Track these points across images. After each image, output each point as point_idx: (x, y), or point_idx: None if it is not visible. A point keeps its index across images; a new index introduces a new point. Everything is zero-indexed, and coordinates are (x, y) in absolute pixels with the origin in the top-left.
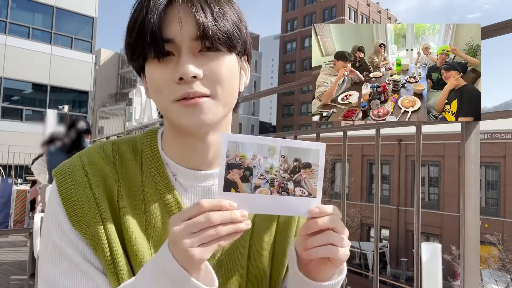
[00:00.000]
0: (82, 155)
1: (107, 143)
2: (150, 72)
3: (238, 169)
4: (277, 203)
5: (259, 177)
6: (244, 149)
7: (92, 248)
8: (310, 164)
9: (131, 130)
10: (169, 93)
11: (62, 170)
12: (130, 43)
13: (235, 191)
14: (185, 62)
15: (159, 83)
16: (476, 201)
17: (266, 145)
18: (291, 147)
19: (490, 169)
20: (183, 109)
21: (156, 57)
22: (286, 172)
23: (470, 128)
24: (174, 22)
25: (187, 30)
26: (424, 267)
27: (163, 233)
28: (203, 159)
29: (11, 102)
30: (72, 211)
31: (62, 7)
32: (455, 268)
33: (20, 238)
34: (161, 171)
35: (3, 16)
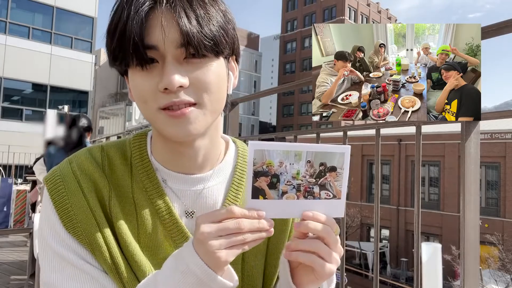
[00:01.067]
0: (72, 161)
1: (95, 148)
2: (133, 80)
3: (265, 177)
4: (303, 207)
5: (286, 183)
6: (271, 156)
7: (91, 253)
8: (335, 168)
9: (131, 130)
10: (154, 102)
11: (52, 177)
12: (111, 49)
13: (262, 198)
14: (170, 72)
15: (143, 92)
16: (476, 201)
17: (292, 151)
18: (317, 152)
19: (490, 169)
20: (169, 119)
21: (138, 64)
22: (312, 176)
23: (470, 128)
24: (157, 28)
25: (171, 37)
26: (424, 267)
27: (155, 239)
28: (193, 163)
29: (11, 102)
30: (67, 218)
31: (62, 7)
32: (455, 268)
33: (20, 238)
34: (151, 176)
35: (3, 16)
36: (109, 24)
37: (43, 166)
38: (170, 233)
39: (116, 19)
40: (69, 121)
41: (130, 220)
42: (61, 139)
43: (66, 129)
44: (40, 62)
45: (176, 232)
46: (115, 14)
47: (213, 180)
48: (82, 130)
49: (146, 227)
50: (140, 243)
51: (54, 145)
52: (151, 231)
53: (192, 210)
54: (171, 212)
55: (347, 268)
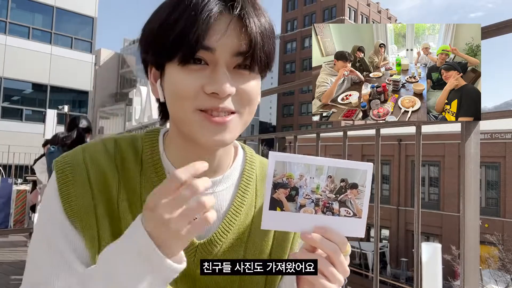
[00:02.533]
0: (85, 149)
1: (109, 139)
2: (175, 76)
3: (284, 189)
4: (321, 222)
5: (305, 197)
6: (292, 169)
7: (83, 241)
8: (356, 185)
9: (131, 130)
10: (193, 102)
11: (63, 163)
12: (160, 41)
13: (280, 210)
14: (223, 79)
15: (184, 90)
16: (476, 201)
17: (313, 165)
18: (338, 168)
19: (490, 169)
20: (206, 123)
21: (185, 62)
22: (332, 192)
23: (470, 128)
24: (220, 31)
25: (233, 44)
26: (424, 267)
27: None
28: (208, 168)
29: (11, 102)
30: (67, 203)
31: (62, 7)
32: (455, 268)
33: (20, 238)
34: (161, 175)
35: (3, 16)
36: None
37: (44, 165)
38: None
39: (177, 15)
40: (69, 122)
41: (136, 216)
42: (61, 139)
43: (66, 130)
44: (40, 62)
45: None
46: (175, 10)
47: (222, 185)
48: (82, 131)
49: None
50: None
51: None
52: None
53: None
54: None
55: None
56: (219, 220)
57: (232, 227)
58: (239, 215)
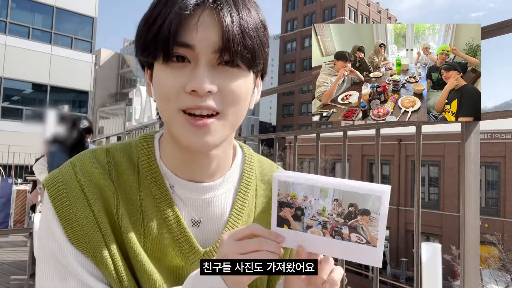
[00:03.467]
0: (75, 164)
1: (100, 150)
2: (158, 75)
3: (290, 208)
4: (332, 245)
5: (311, 218)
6: (295, 189)
7: (95, 265)
8: (368, 211)
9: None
10: (177, 102)
11: (54, 183)
12: (143, 40)
13: (287, 227)
14: (202, 75)
15: (168, 90)
16: (476, 201)
17: (317, 186)
18: (345, 192)
19: (490, 169)
20: (188, 125)
21: (168, 60)
22: (339, 216)
23: (470, 128)
24: (196, 27)
25: (210, 40)
26: (424, 267)
27: (162, 247)
28: (205, 171)
29: (11, 102)
30: (71, 230)
31: (62, 7)
32: (455, 268)
33: (20, 238)
34: (159, 183)
35: (3, 16)
36: (148, 13)
37: (44, 166)
38: (177, 242)
39: (157, 12)
40: (70, 122)
41: (137, 228)
42: (63, 140)
43: (67, 130)
44: (40, 62)
45: (184, 241)
46: (156, 7)
47: (222, 188)
48: (83, 131)
49: (153, 236)
50: (147, 251)
51: (54, 145)
52: (157, 240)
53: (198, 219)
54: (179, 221)
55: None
56: (222, 225)
57: None
58: (241, 218)
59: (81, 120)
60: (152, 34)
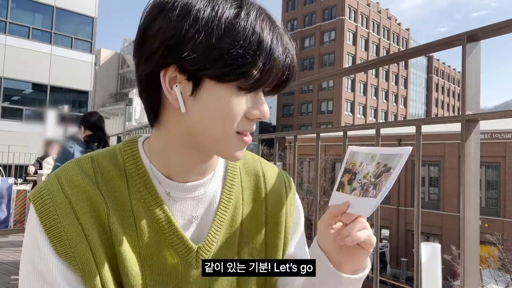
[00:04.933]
0: (60, 176)
1: (84, 159)
2: (224, 97)
3: (348, 174)
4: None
5: (358, 181)
6: (357, 157)
7: (82, 279)
8: (390, 168)
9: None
10: (235, 125)
11: (40, 197)
12: (232, 56)
13: (342, 191)
14: (265, 104)
15: (236, 114)
16: (476, 201)
17: (370, 154)
18: (385, 154)
19: (490, 169)
20: (241, 144)
21: (246, 90)
22: (374, 176)
23: (470, 128)
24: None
25: (279, 77)
26: (423, 267)
27: (156, 249)
28: (200, 171)
29: (11, 102)
30: (59, 243)
31: (62, 7)
32: (455, 268)
33: (20, 238)
34: (148, 186)
35: (3, 16)
36: (250, 31)
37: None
38: (170, 242)
39: (257, 33)
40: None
41: (130, 233)
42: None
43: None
44: (40, 62)
45: (177, 241)
46: (265, 34)
47: (212, 183)
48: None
49: (146, 238)
50: (141, 255)
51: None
52: (151, 242)
53: (196, 216)
54: (170, 222)
55: None
56: (212, 218)
57: (223, 223)
58: (228, 209)
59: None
60: (263, 59)
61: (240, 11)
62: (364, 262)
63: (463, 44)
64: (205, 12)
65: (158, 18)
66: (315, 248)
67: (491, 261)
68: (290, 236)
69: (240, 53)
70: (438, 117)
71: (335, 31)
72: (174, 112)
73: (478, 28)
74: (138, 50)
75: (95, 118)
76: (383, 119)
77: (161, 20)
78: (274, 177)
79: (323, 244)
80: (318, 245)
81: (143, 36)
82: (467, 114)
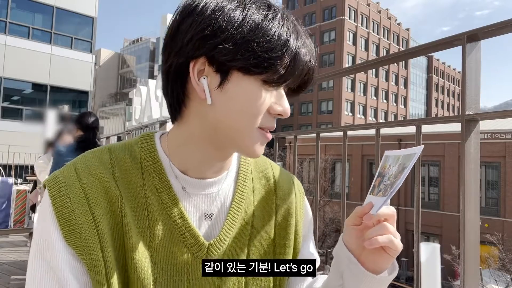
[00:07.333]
0: (77, 165)
1: (102, 150)
2: (250, 90)
3: (380, 177)
4: (375, 204)
5: (384, 183)
6: (388, 161)
7: (87, 269)
8: (404, 168)
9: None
10: (259, 120)
11: (56, 183)
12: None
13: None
14: (287, 102)
15: (260, 108)
16: (476, 201)
17: (397, 155)
18: (405, 154)
19: (490, 169)
20: (263, 139)
21: (271, 84)
22: (394, 177)
23: (470, 128)
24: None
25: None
26: (422, 267)
27: (168, 244)
28: (216, 169)
29: (11, 102)
30: (69, 231)
31: (62, 7)
32: (455, 268)
33: (20, 238)
34: (164, 180)
35: (3, 16)
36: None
37: (46, 164)
38: (182, 237)
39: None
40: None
41: (142, 226)
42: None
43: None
44: (40, 62)
45: (189, 236)
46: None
47: (226, 182)
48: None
49: (158, 232)
50: (152, 248)
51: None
52: (163, 236)
53: (211, 213)
54: (183, 217)
55: None
56: (225, 216)
57: (236, 222)
58: (240, 209)
59: (90, 117)
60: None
61: (268, 13)
62: (386, 265)
63: (463, 44)
64: (237, 11)
65: (192, 14)
66: (340, 246)
67: (491, 261)
68: (302, 239)
69: (268, 47)
70: (438, 117)
71: (335, 31)
72: (199, 105)
73: (478, 28)
74: (169, 44)
75: (89, 119)
76: (383, 119)
77: (195, 15)
78: (284, 180)
79: (347, 241)
80: (343, 243)
81: (176, 30)
82: (467, 114)
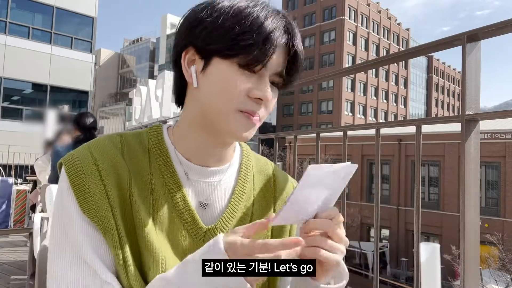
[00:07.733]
0: (90, 145)
1: (114, 135)
2: (227, 74)
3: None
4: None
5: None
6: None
7: (101, 233)
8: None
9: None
10: (238, 103)
11: (71, 159)
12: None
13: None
14: (268, 88)
15: (234, 91)
16: (476, 201)
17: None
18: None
19: (490, 169)
20: (245, 121)
21: (246, 67)
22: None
23: (470, 128)
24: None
25: (279, 65)
26: (422, 267)
27: (169, 227)
28: (218, 158)
29: (11, 102)
30: (83, 199)
31: (62, 7)
32: (455, 268)
33: (20, 238)
34: (168, 164)
35: (3, 16)
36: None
37: (46, 164)
38: (182, 220)
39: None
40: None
41: (147, 205)
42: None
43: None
44: (40, 62)
45: (189, 219)
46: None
47: (227, 174)
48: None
49: (161, 215)
50: (156, 227)
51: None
52: (165, 219)
53: (205, 202)
54: (185, 200)
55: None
56: (225, 206)
57: (236, 213)
58: (241, 201)
59: (87, 117)
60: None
61: (250, 3)
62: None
63: (463, 44)
64: (223, 3)
65: (188, 14)
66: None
67: (491, 261)
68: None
69: (241, 31)
70: (438, 117)
71: (335, 31)
72: (192, 92)
73: (478, 28)
74: (173, 40)
75: (87, 120)
76: (383, 119)
77: (189, 13)
78: (283, 181)
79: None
80: None
81: (177, 29)
82: (467, 114)
